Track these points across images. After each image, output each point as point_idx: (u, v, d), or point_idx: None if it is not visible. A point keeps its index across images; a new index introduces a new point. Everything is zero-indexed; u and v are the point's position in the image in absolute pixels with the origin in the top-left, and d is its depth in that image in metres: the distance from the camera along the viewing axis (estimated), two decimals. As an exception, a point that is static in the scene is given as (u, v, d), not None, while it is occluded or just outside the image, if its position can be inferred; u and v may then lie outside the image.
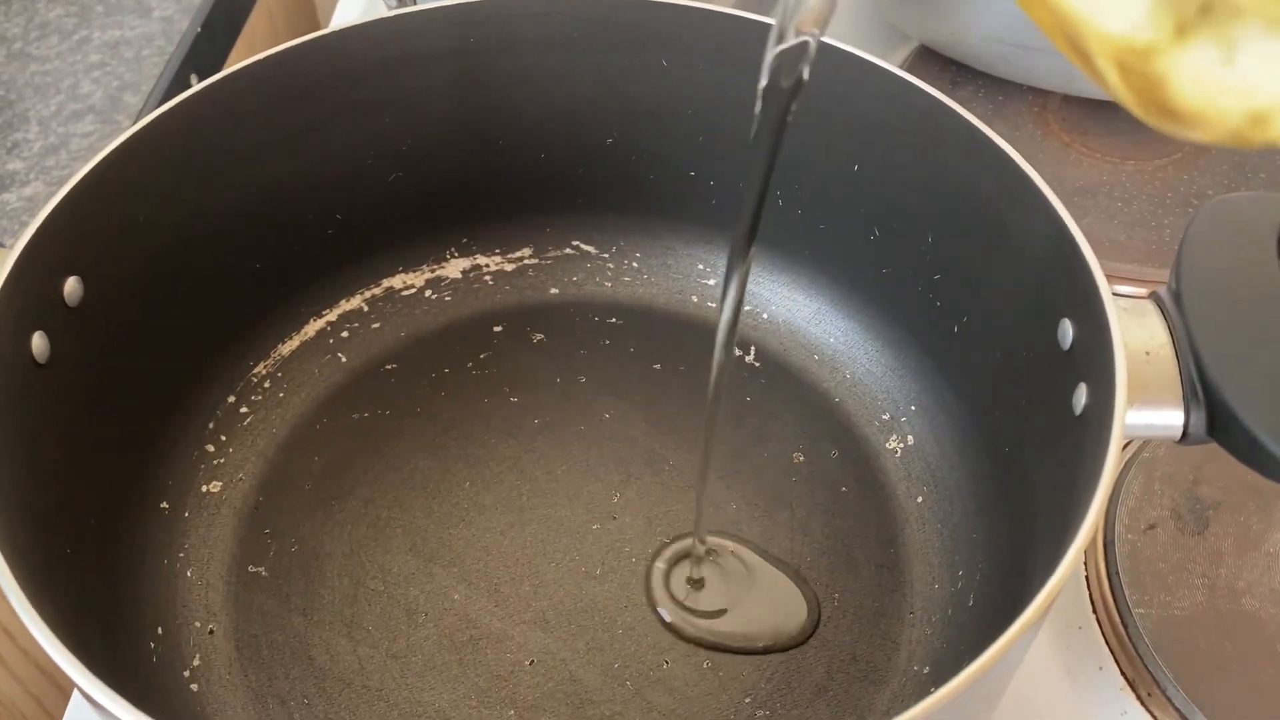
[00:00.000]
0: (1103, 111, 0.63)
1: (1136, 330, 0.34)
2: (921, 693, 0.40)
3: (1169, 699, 0.41)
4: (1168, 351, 0.34)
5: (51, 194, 0.56)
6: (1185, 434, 0.33)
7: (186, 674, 0.41)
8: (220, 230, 0.45)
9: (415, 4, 0.51)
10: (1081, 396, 0.35)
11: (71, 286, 0.38)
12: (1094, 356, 0.34)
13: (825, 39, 0.45)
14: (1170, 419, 0.33)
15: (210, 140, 0.44)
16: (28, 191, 0.56)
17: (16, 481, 0.34)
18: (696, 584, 0.44)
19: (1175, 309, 0.34)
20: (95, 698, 0.28)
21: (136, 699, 0.28)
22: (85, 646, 0.31)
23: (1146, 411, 0.33)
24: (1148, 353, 0.34)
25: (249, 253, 0.47)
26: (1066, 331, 0.36)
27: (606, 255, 0.53)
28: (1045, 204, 0.37)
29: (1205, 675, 0.41)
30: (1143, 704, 0.41)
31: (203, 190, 0.44)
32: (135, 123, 0.60)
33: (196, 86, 0.42)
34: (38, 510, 0.35)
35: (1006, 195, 0.40)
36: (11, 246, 0.36)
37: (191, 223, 0.44)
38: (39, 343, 0.37)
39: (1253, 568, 0.44)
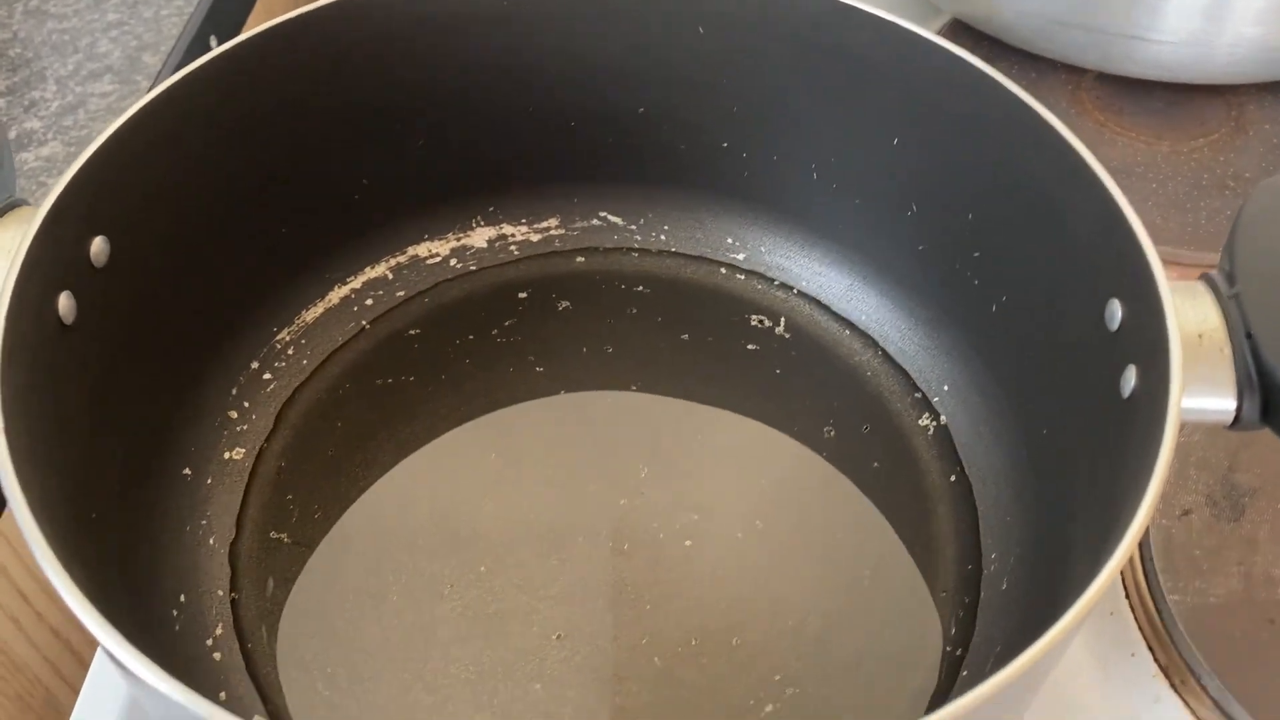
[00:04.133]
0: (1138, 90, 0.62)
1: (1189, 312, 0.33)
2: (953, 674, 0.40)
3: (1203, 687, 0.40)
4: (1221, 334, 0.33)
5: (69, 154, 0.56)
6: (1238, 419, 0.32)
7: (209, 642, 0.40)
8: (247, 193, 0.44)
9: (446, -35, 0.50)
10: (1130, 379, 0.34)
11: (98, 246, 0.38)
12: (1145, 338, 0.33)
13: (862, 5, 0.44)
14: (1223, 404, 0.32)
15: (237, 101, 0.43)
16: (45, 151, 0.56)
17: (46, 443, 0.33)
18: None
19: (1229, 290, 0.34)
20: (124, 661, 0.28)
21: (161, 666, 0.28)
22: (112, 612, 0.30)
23: (1198, 396, 0.32)
24: (1200, 335, 0.33)
25: (275, 217, 0.46)
26: (1115, 312, 0.35)
27: (634, 227, 0.53)
28: (1096, 181, 0.36)
29: (1240, 663, 0.40)
30: (1176, 691, 0.41)
31: (229, 152, 0.43)
32: (154, 83, 0.59)
33: (223, 46, 0.41)
34: (66, 473, 0.34)
35: (1053, 171, 0.39)
36: (39, 204, 0.35)
37: (218, 185, 0.43)
38: (65, 303, 0.36)
39: (1289, 556, 0.43)
